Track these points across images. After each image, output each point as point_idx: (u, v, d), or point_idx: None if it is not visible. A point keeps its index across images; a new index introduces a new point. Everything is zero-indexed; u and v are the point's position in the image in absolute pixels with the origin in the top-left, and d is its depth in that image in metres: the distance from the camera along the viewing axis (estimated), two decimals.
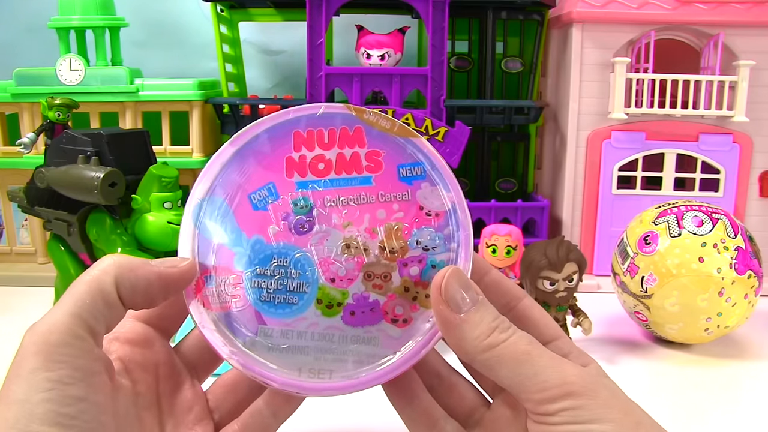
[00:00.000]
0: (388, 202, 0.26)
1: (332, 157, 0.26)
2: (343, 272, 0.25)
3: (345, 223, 0.26)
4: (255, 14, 0.93)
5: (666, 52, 0.80)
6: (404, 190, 0.26)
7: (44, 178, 0.67)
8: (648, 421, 0.24)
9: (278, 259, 0.26)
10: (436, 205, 0.26)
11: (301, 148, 0.26)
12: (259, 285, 0.26)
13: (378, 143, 0.26)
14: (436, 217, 0.26)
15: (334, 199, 0.26)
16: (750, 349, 0.63)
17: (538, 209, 0.84)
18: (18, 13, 1.02)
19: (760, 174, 0.81)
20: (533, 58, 0.89)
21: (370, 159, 0.26)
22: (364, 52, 0.80)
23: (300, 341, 0.25)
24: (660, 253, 0.59)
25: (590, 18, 0.79)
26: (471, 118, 0.82)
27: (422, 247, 0.26)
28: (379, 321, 0.25)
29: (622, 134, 0.80)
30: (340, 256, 0.26)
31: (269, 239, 0.26)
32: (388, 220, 0.26)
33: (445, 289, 0.24)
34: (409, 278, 0.25)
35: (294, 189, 0.26)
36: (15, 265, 0.86)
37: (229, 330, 0.25)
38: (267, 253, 0.26)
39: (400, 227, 0.26)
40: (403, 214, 0.26)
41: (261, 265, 0.26)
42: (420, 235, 0.26)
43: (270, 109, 0.85)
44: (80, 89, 0.81)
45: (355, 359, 0.25)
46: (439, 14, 0.77)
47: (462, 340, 0.25)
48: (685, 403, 0.53)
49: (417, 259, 0.26)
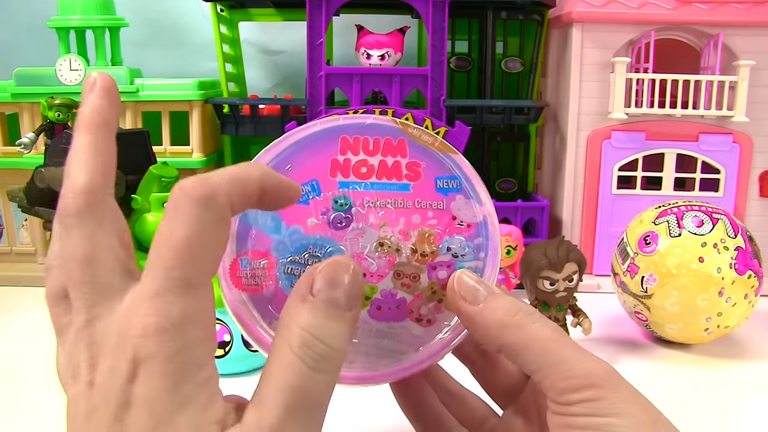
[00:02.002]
0: (424, 209, 0.27)
1: (375, 163, 0.28)
2: (374, 268, 0.26)
3: (381, 224, 0.27)
4: (255, 14, 0.93)
5: (666, 52, 0.80)
6: (440, 200, 0.27)
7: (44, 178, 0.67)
8: (665, 420, 0.24)
9: (313, 249, 0.27)
10: (468, 216, 0.27)
11: (347, 152, 0.28)
12: (291, 272, 0.27)
13: (419, 155, 0.28)
14: (467, 227, 0.27)
15: (373, 201, 0.27)
16: (750, 349, 0.63)
17: (538, 209, 0.84)
18: (18, 13, 1.02)
19: (760, 174, 0.81)
20: (533, 58, 0.89)
21: (410, 168, 0.28)
22: (364, 52, 0.80)
23: None
24: (660, 253, 0.59)
25: (590, 18, 0.79)
26: (471, 118, 0.82)
27: (452, 253, 0.27)
28: (404, 318, 0.26)
29: (622, 134, 0.80)
30: (373, 253, 0.27)
31: (307, 230, 0.27)
32: (422, 225, 0.27)
33: (458, 284, 0.25)
34: (436, 281, 0.27)
35: (336, 188, 0.27)
36: (15, 265, 0.86)
37: (258, 311, 0.25)
38: (303, 243, 0.27)
39: (432, 233, 0.27)
40: (436, 221, 0.27)
41: (296, 254, 0.27)
42: (451, 242, 0.27)
43: (270, 109, 0.85)
44: (80, 89, 0.81)
45: (376, 352, 0.26)
46: (439, 14, 0.77)
47: (487, 327, 0.25)
48: (685, 403, 0.53)
49: (446, 264, 0.27)
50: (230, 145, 0.89)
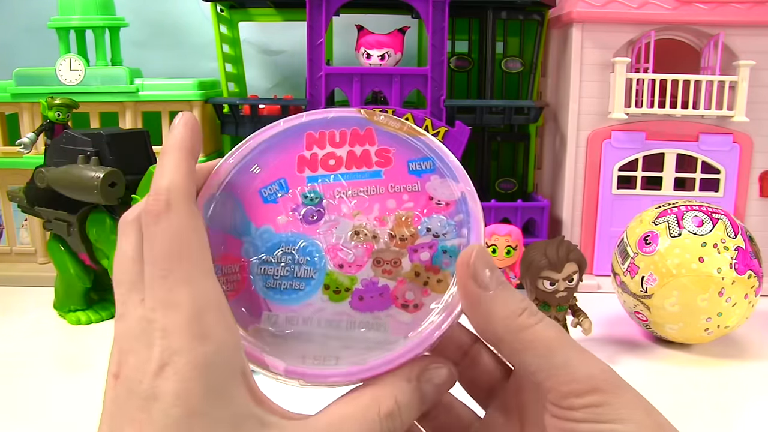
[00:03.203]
0: (398, 193, 0.26)
1: (343, 154, 0.27)
2: (351, 258, 0.25)
3: (354, 213, 0.26)
4: (255, 14, 0.93)
5: (666, 52, 0.80)
6: (414, 182, 0.26)
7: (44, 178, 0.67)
8: (668, 424, 0.24)
9: (285, 246, 0.26)
10: (446, 195, 0.26)
11: (313, 147, 0.27)
12: (265, 272, 0.26)
13: (388, 141, 0.27)
14: (446, 206, 0.26)
15: (344, 191, 0.26)
16: (750, 349, 0.63)
17: (538, 209, 0.84)
18: (18, 13, 1.02)
19: (760, 174, 0.81)
20: (533, 58, 0.89)
21: (380, 155, 0.27)
22: (364, 52, 0.80)
23: (306, 327, 0.25)
24: (660, 253, 0.59)
25: (590, 18, 0.79)
26: (471, 118, 0.82)
27: (433, 233, 0.26)
28: (389, 306, 0.25)
29: (622, 134, 0.80)
30: (349, 242, 0.26)
31: (278, 228, 0.26)
32: (398, 209, 0.26)
33: (474, 265, 0.24)
34: (419, 263, 0.25)
35: (304, 183, 0.27)
36: (15, 265, 0.86)
37: (237, 319, 0.25)
38: (274, 242, 0.26)
39: (409, 215, 0.26)
40: (413, 204, 0.26)
41: (268, 253, 0.26)
42: (430, 222, 0.26)
43: (270, 109, 0.85)
44: (80, 89, 0.81)
45: (363, 345, 0.24)
46: (439, 14, 0.77)
47: (490, 318, 0.24)
48: (685, 403, 0.53)
49: (428, 245, 0.25)
50: (230, 145, 0.89)
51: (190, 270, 0.22)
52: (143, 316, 0.22)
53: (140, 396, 0.21)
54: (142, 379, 0.21)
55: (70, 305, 0.70)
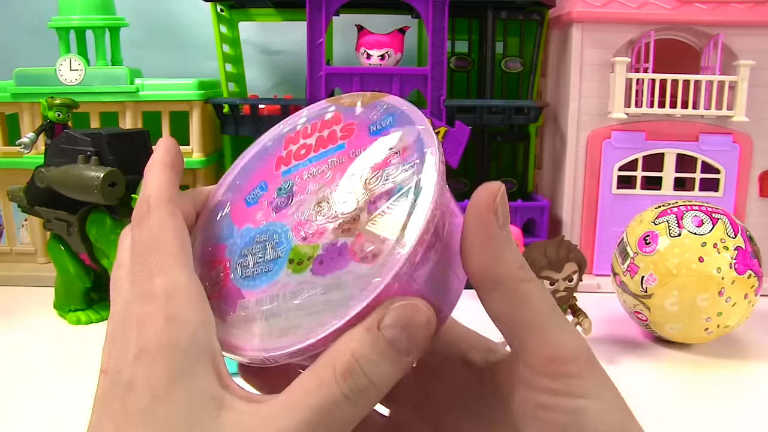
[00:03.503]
0: (358, 157, 0.26)
1: (312, 142, 0.27)
2: (313, 228, 0.24)
3: (318, 188, 0.26)
4: (255, 14, 0.93)
5: (666, 52, 0.80)
6: (374, 141, 0.26)
7: (44, 178, 0.67)
8: (628, 410, 0.24)
9: (259, 237, 0.26)
10: (403, 141, 0.25)
11: (288, 146, 0.28)
12: (241, 265, 0.26)
13: (353, 116, 0.27)
14: (403, 151, 0.25)
15: (311, 172, 0.26)
16: (750, 349, 0.63)
17: (538, 209, 0.84)
18: (18, 13, 1.02)
19: (760, 174, 0.81)
20: (533, 58, 0.89)
21: (344, 130, 0.27)
22: (364, 52, 0.80)
23: (272, 305, 0.24)
24: (660, 252, 0.59)
25: (590, 18, 0.79)
26: (471, 118, 0.82)
27: (391, 181, 0.24)
28: (347, 263, 0.23)
29: (622, 134, 0.80)
30: (312, 215, 0.25)
31: (256, 224, 0.26)
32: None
33: (498, 203, 0.23)
34: (376, 212, 0.24)
35: (279, 178, 0.27)
36: (15, 265, 0.86)
37: (217, 315, 0.24)
38: (251, 236, 0.26)
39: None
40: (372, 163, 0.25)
41: (245, 247, 0.26)
42: (386, 171, 0.24)
43: (270, 109, 0.85)
44: (80, 89, 0.81)
45: (324, 308, 0.23)
46: (439, 14, 0.77)
47: (498, 259, 0.23)
48: (685, 403, 0.53)
49: (386, 193, 0.24)
50: (230, 145, 0.89)
51: (164, 261, 0.23)
52: (123, 309, 0.22)
53: (120, 386, 0.21)
54: (122, 369, 0.21)
55: (70, 305, 0.70)
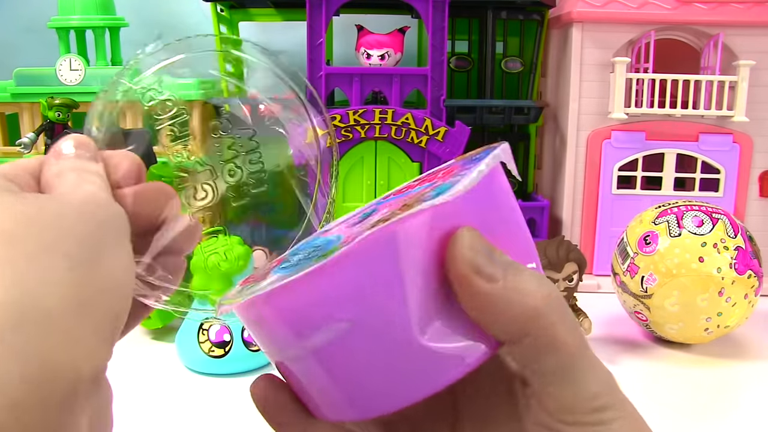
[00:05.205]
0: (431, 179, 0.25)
1: (418, 183, 0.26)
2: (357, 230, 0.22)
3: (389, 209, 0.22)
4: (255, 14, 0.92)
5: (666, 52, 0.80)
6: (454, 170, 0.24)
7: None
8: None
9: (317, 243, 0.25)
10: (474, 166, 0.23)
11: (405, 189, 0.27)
12: (289, 261, 0.24)
13: (461, 161, 0.26)
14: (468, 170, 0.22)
15: (396, 201, 0.24)
16: (750, 349, 0.63)
17: (538, 209, 0.84)
18: (18, 13, 1.02)
19: (760, 174, 0.81)
20: (533, 58, 0.89)
21: (446, 171, 0.25)
22: (364, 52, 0.80)
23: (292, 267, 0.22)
24: (660, 253, 0.59)
25: (590, 18, 0.79)
26: (471, 118, 0.82)
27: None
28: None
29: (622, 134, 0.80)
30: (368, 225, 0.22)
31: (323, 236, 0.26)
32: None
33: (471, 255, 0.20)
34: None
35: (371, 207, 0.26)
36: None
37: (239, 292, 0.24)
38: (312, 243, 0.26)
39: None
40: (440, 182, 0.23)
41: (301, 248, 0.25)
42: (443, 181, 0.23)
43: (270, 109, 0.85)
44: (80, 89, 0.81)
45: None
46: (439, 14, 0.77)
47: (511, 313, 0.20)
48: (685, 403, 0.53)
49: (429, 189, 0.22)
50: None
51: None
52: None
53: None
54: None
55: None
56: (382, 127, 0.78)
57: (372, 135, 0.78)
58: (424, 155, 0.79)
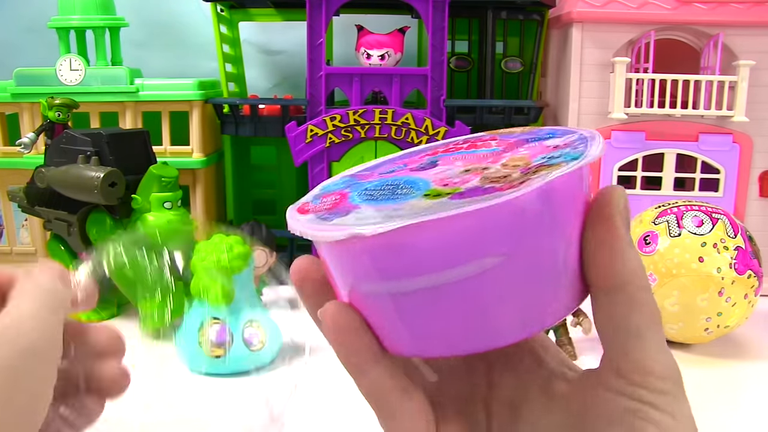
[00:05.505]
0: (515, 148, 0.25)
1: (464, 146, 0.27)
2: (457, 180, 0.23)
3: (465, 163, 0.24)
4: (255, 14, 0.93)
5: (666, 52, 0.80)
6: (529, 145, 0.25)
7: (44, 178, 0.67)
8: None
9: (392, 183, 0.24)
10: (563, 140, 0.25)
11: (437, 150, 0.28)
12: (364, 192, 0.24)
13: (509, 137, 0.27)
14: (563, 146, 0.24)
15: (459, 157, 0.25)
16: (750, 349, 0.63)
17: None
18: (18, 13, 1.02)
19: (760, 174, 0.81)
20: (533, 58, 0.89)
21: (499, 143, 0.26)
22: (364, 52, 0.80)
23: (393, 212, 0.22)
24: (660, 252, 0.59)
25: (590, 18, 0.79)
26: (471, 118, 0.82)
27: (550, 157, 0.23)
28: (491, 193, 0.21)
29: (622, 134, 0.80)
30: (460, 175, 0.23)
31: (388, 177, 0.25)
32: (513, 156, 0.24)
33: (626, 205, 0.23)
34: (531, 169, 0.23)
35: (424, 159, 0.27)
36: (15, 265, 0.86)
37: (321, 222, 0.23)
38: (382, 182, 0.25)
39: (525, 156, 0.24)
40: (529, 152, 0.24)
41: (373, 188, 0.24)
42: (548, 154, 0.24)
43: (270, 109, 0.85)
44: (80, 89, 0.81)
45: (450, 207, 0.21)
46: (439, 14, 0.77)
47: (624, 262, 0.23)
48: None
49: (545, 159, 0.23)
50: (230, 145, 0.89)
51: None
52: None
53: None
54: None
55: None
56: (382, 127, 0.78)
57: (372, 135, 0.78)
58: None
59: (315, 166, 0.80)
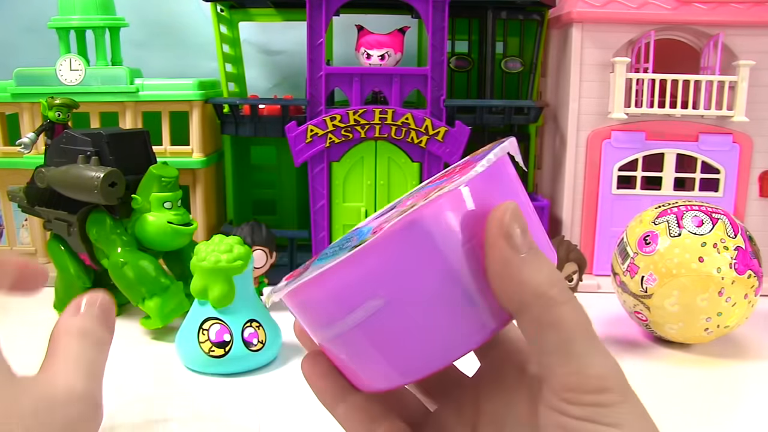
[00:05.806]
0: (454, 174, 0.26)
1: (436, 179, 0.29)
2: (387, 223, 0.24)
3: (412, 201, 0.25)
4: (255, 14, 0.93)
5: (666, 52, 0.80)
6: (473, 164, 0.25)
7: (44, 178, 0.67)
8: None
9: (350, 235, 0.27)
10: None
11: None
12: (329, 251, 0.27)
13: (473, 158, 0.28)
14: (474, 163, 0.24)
15: (415, 193, 0.27)
16: (750, 349, 0.63)
17: (538, 209, 0.83)
18: (18, 13, 1.02)
19: (760, 174, 0.81)
20: (533, 58, 0.89)
21: (461, 167, 0.27)
22: (364, 52, 0.80)
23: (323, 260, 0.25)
24: (660, 252, 0.59)
25: (590, 18, 0.79)
26: (471, 118, 0.82)
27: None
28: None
29: (622, 134, 0.80)
30: (394, 216, 0.24)
31: (356, 228, 0.28)
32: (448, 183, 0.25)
33: (508, 224, 0.22)
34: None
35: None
36: None
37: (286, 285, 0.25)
38: (346, 235, 0.28)
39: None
40: (460, 175, 0.25)
41: (335, 243, 0.27)
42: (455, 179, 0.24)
43: (270, 109, 0.85)
44: (80, 89, 0.81)
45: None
46: (439, 14, 0.77)
47: (519, 283, 0.22)
48: (685, 403, 0.53)
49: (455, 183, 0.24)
50: (230, 145, 0.89)
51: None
52: None
53: None
54: None
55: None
56: (382, 127, 0.78)
57: (372, 135, 0.78)
58: (424, 155, 0.79)
59: (315, 166, 0.80)
